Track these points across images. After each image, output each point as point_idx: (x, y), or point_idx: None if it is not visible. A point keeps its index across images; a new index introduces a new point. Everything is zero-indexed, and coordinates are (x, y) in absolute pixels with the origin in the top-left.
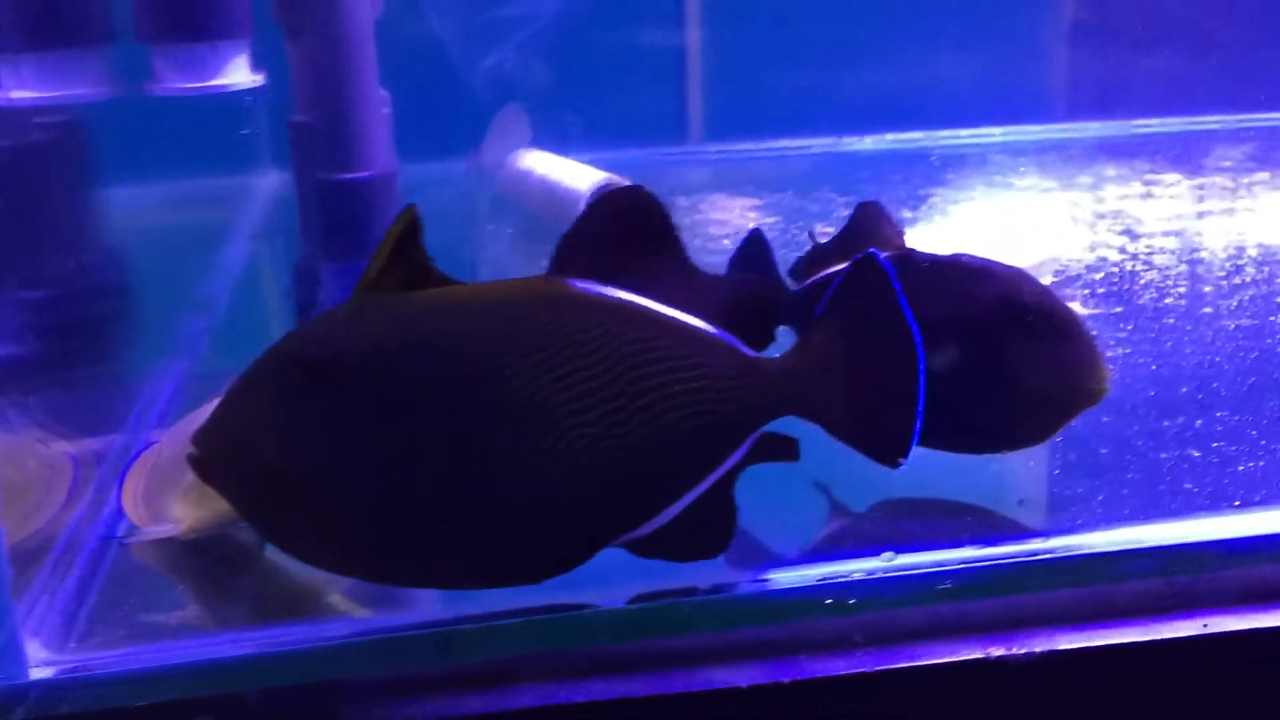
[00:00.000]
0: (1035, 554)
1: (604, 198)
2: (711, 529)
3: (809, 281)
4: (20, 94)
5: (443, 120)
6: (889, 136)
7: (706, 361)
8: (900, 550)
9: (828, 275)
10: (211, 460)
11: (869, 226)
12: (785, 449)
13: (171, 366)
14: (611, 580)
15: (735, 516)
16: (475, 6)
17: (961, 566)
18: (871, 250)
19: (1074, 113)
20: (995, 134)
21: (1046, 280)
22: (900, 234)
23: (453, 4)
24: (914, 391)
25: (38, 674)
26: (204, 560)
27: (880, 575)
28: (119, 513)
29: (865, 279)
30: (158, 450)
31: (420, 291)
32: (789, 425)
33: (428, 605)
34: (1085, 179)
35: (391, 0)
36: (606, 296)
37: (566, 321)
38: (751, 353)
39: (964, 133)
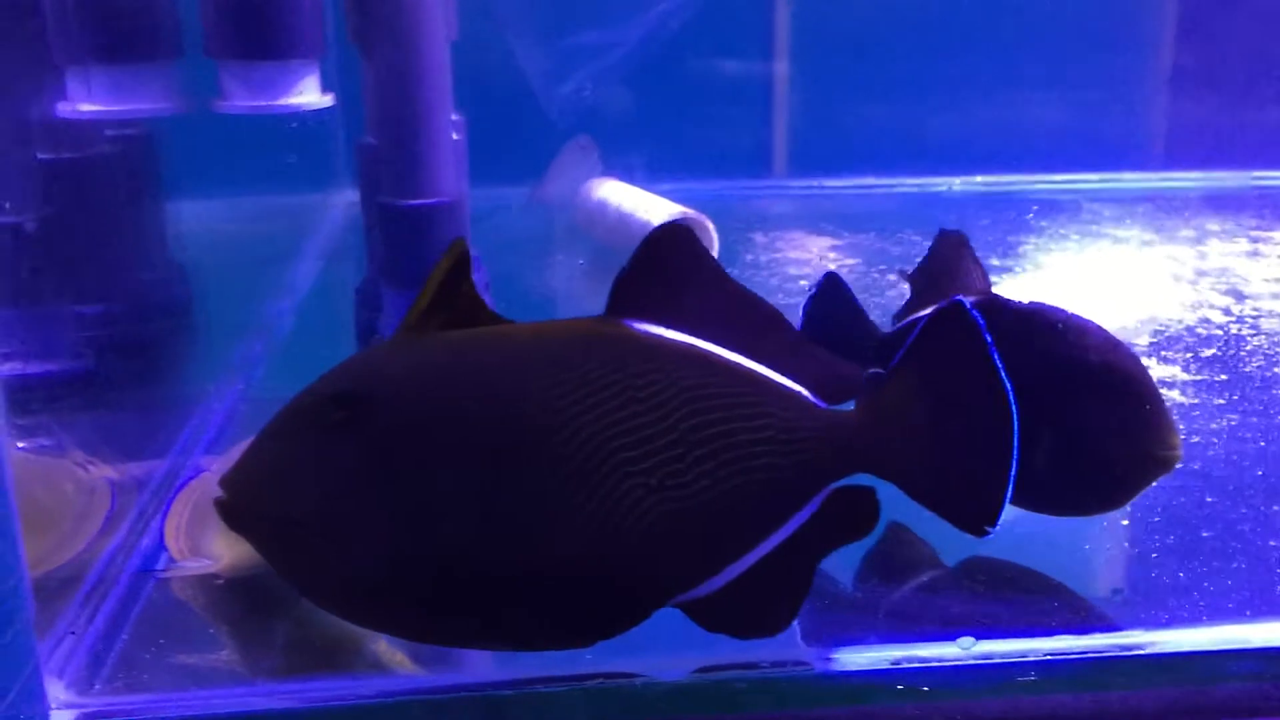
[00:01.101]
0: (1128, 649)
1: (655, 234)
2: (777, 599)
3: (900, 324)
4: (88, 106)
5: (517, 146)
6: (979, 179)
7: (772, 410)
8: (981, 636)
9: (917, 319)
10: (240, 506)
11: (950, 257)
12: (862, 505)
13: (227, 390)
14: (670, 648)
15: (805, 589)
16: (556, 31)
17: (1047, 658)
18: (959, 298)
19: (1174, 162)
20: (1092, 180)
21: (1143, 342)
22: (982, 268)
23: (532, 28)
24: (1007, 454)
25: (59, 717)
26: (242, 601)
27: (958, 663)
28: (157, 545)
29: (951, 328)
30: (205, 479)
31: (466, 330)
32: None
33: (475, 664)
34: (1188, 233)
35: (469, 23)
36: (664, 339)
37: (622, 364)
38: (822, 404)
39: (1058, 178)
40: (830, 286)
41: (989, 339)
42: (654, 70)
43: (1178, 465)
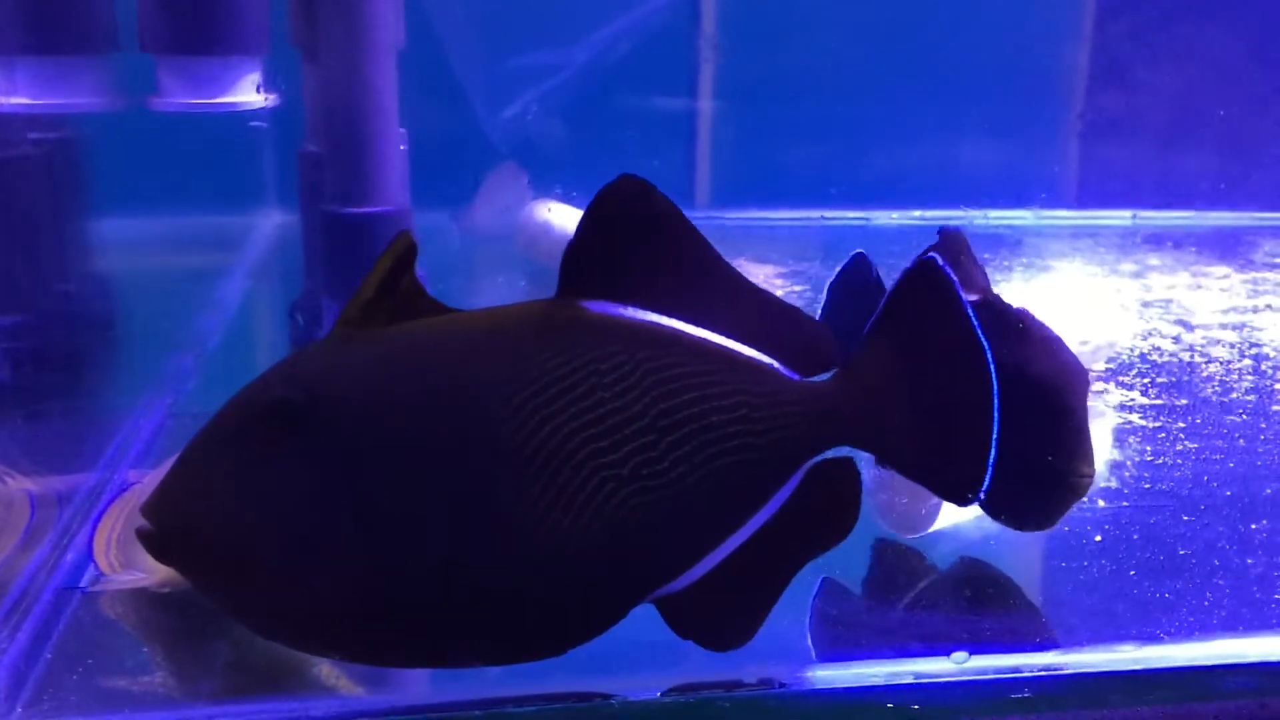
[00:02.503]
0: (1124, 665)
1: (603, 198)
2: (753, 596)
3: None
4: (13, 100)
5: (447, 169)
6: (915, 212)
7: (745, 387)
8: (974, 650)
9: None
10: (166, 534)
11: (950, 256)
12: (843, 476)
13: (155, 403)
14: (643, 666)
15: (781, 586)
16: (500, 51)
17: (1042, 674)
18: (930, 254)
19: (1091, 201)
20: (1026, 216)
21: (1099, 367)
22: (981, 268)
23: (476, 46)
24: (986, 416)
25: None
26: (177, 617)
27: (950, 679)
28: (84, 560)
29: (924, 286)
30: (138, 491)
31: (412, 322)
32: None
33: (428, 684)
34: (1128, 266)
35: (409, 37)
36: (625, 318)
37: (581, 349)
38: (795, 376)
39: (994, 213)
40: (856, 267)
41: (962, 296)
42: (580, 99)
43: (1088, 490)
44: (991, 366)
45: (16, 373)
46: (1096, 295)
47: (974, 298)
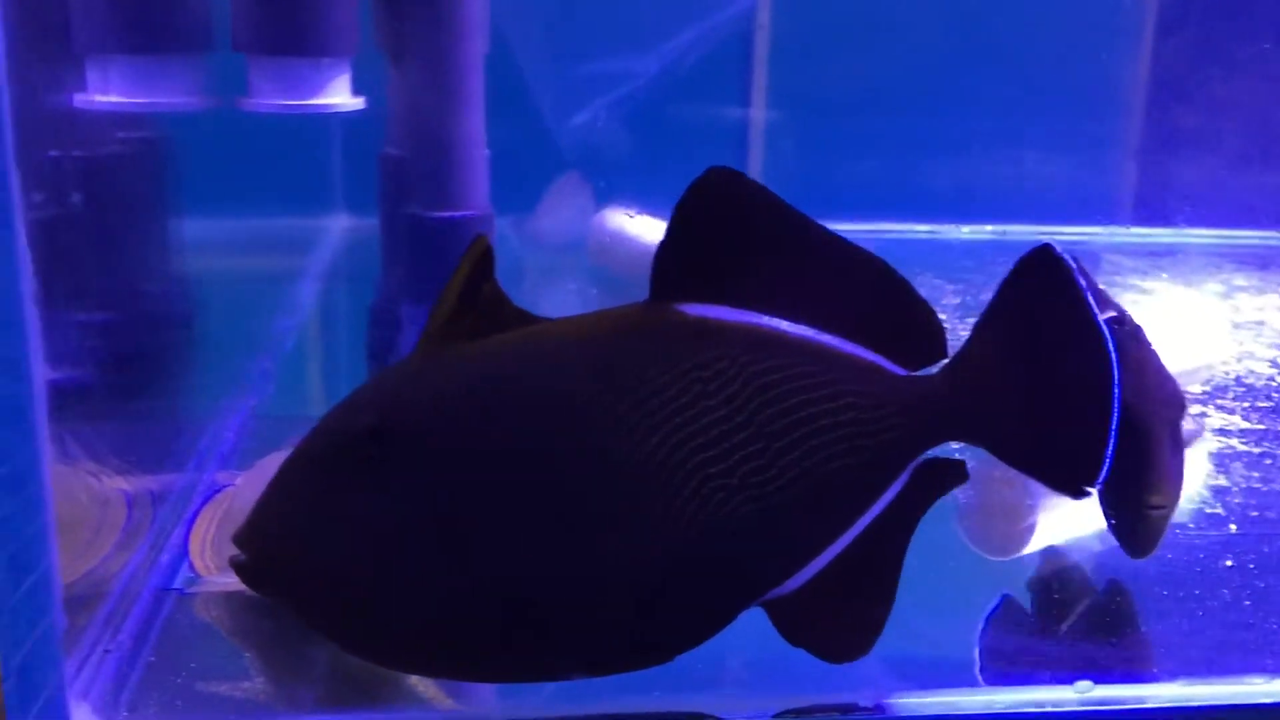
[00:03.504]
0: (1255, 698)
1: (693, 194)
2: (864, 601)
3: None
4: (105, 98)
5: (519, 174)
6: (987, 228)
7: (853, 388)
8: (1099, 680)
9: None
10: (260, 564)
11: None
12: (951, 475)
13: (237, 405)
14: (753, 686)
15: (892, 589)
16: (572, 57)
17: (1170, 705)
18: (1047, 242)
19: (1149, 218)
20: (1100, 233)
21: (1195, 389)
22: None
23: (548, 52)
24: (1107, 406)
25: None
26: (272, 622)
27: (1074, 710)
28: (179, 561)
29: (1040, 273)
30: (231, 494)
31: (498, 337)
32: None
33: (533, 697)
34: (1214, 286)
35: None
36: (724, 319)
37: (681, 356)
38: (901, 370)
39: (1068, 229)
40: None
41: (1081, 282)
42: (641, 109)
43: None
44: (1113, 353)
45: (102, 371)
46: (1188, 315)
47: (1110, 314)
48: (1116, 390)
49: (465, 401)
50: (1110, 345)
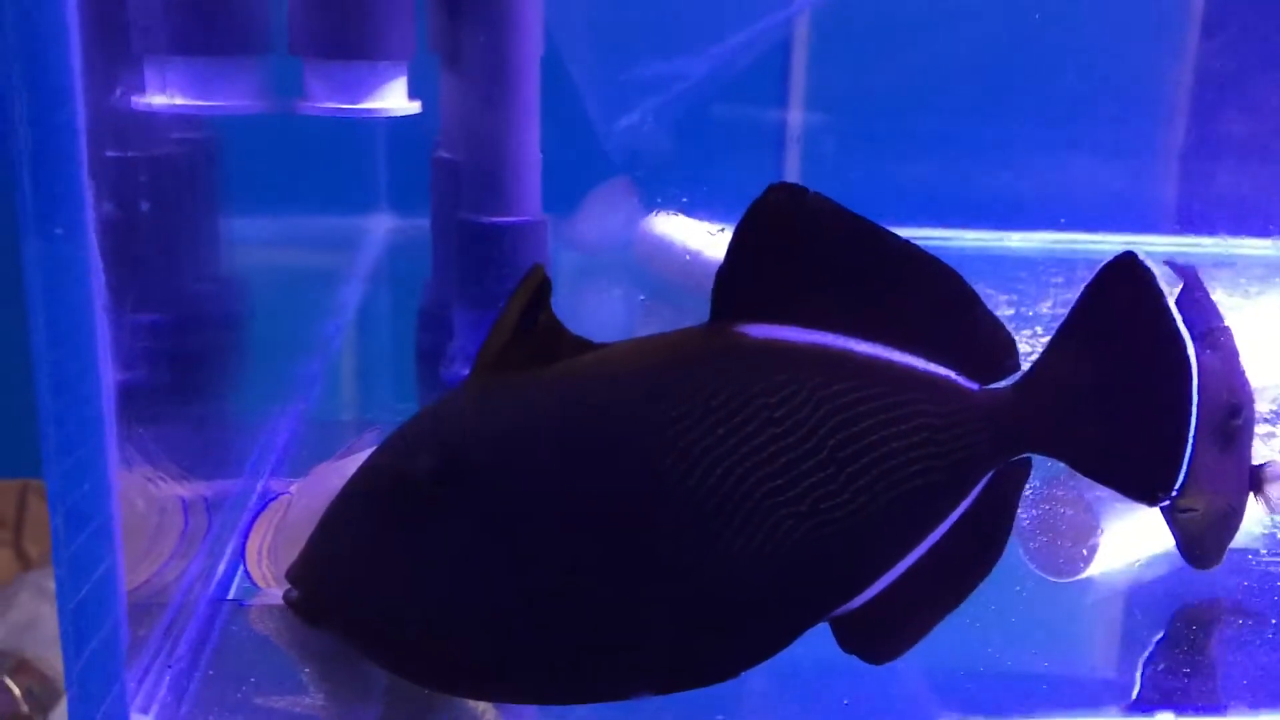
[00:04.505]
0: None
1: (754, 213)
2: (928, 607)
3: None
4: (164, 99)
5: (563, 177)
6: (1036, 236)
7: (926, 408)
8: (1180, 711)
9: None
10: (318, 602)
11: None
12: (1017, 477)
13: (288, 409)
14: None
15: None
16: (620, 60)
17: None
18: (1129, 250)
19: (1192, 225)
20: (1154, 242)
21: (1264, 409)
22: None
23: (595, 53)
24: (1186, 413)
25: None
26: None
27: None
28: (235, 570)
29: (1122, 281)
30: (287, 502)
31: (558, 366)
32: None
33: (593, 718)
34: (1273, 299)
35: None
36: (789, 340)
37: (746, 381)
38: (973, 384)
39: (1115, 238)
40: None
41: (1161, 289)
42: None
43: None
44: (1192, 362)
45: (158, 374)
46: (1249, 330)
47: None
48: (1194, 397)
49: (529, 438)
50: (1189, 353)
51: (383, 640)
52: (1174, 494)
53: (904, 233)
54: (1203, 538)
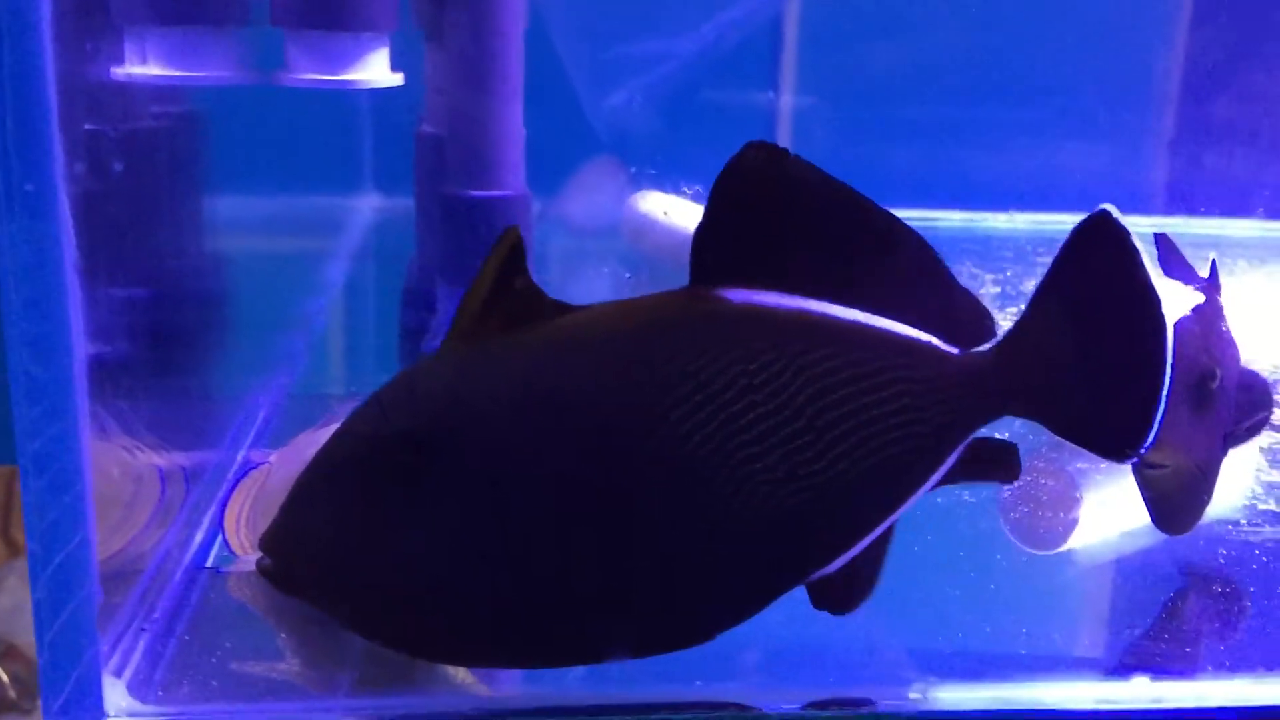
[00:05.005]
0: None
1: (730, 173)
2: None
3: None
4: (143, 70)
5: (549, 155)
6: (1023, 217)
7: (906, 373)
8: (1156, 674)
9: None
10: (290, 568)
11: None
12: (1004, 458)
13: (270, 383)
14: (779, 675)
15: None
16: (608, 36)
17: (1229, 706)
18: (1104, 208)
19: (1180, 207)
20: (1142, 224)
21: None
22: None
23: (583, 29)
24: (1160, 370)
25: None
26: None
27: (1130, 707)
28: (213, 539)
29: (1097, 242)
30: (266, 471)
31: (534, 331)
32: None
33: (572, 683)
34: (1258, 279)
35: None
36: (768, 305)
37: (725, 347)
38: (954, 349)
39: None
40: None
41: (1136, 246)
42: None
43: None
44: (1167, 320)
45: (137, 347)
46: (1240, 309)
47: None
48: (1169, 355)
49: (504, 403)
50: (1163, 310)
51: (355, 606)
52: (1143, 450)
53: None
54: (1171, 498)
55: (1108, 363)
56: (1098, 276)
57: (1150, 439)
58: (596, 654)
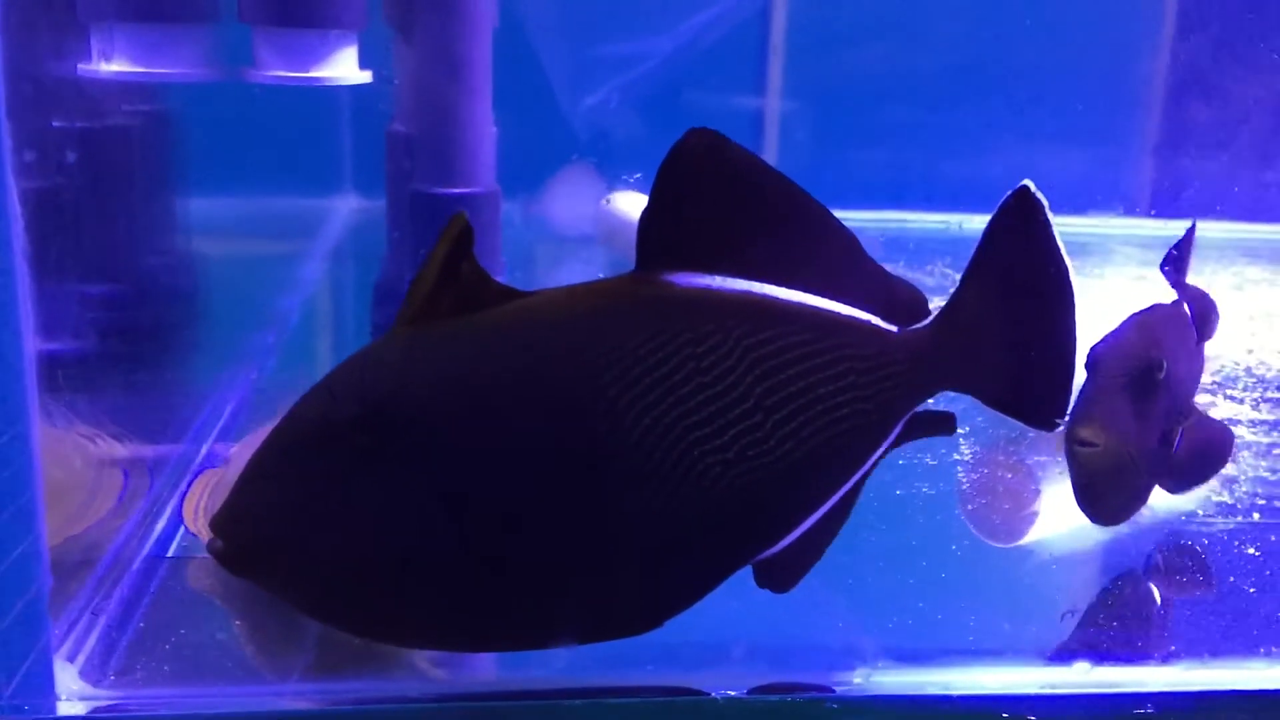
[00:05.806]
0: (1253, 684)
1: (674, 158)
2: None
3: None
4: (109, 67)
5: (528, 155)
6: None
7: (850, 352)
8: (1097, 660)
9: None
10: (241, 551)
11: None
12: (940, 425)
13: (238, 378)
14: (737, 661)
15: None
16: (585, 38)
17: (1167, 690)
18: (1024, 184)
19: (1164, 210)
20: (1115, 226)
21: (1203, 380)
22: None
23: (560, 30)
24: (1071, 338)
25: (67, 709)
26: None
27: (1070, 691)
28: (174, 529)
29: (1016, 216)
30: (229, 462)
31: (483, 314)
32: None
33: (522, 668)
34: (1226, 279)
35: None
36: (714, 289)
37: (672, 329)
38: (892, 327)
39: (1078, 220)
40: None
41: (1050, 219)
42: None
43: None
44: (1072, 286)
45: (104, 342)
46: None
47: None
48: (1075, 321)
49: (452, 386)
50: (1069, 278)
51: (306, 588)
52: (1068, 419)
53: (872, 214)
54: (1099, 481)
55: (1028, 333)
56: (1018, 251)
57: (1068, 405)
58: (543, 640)
